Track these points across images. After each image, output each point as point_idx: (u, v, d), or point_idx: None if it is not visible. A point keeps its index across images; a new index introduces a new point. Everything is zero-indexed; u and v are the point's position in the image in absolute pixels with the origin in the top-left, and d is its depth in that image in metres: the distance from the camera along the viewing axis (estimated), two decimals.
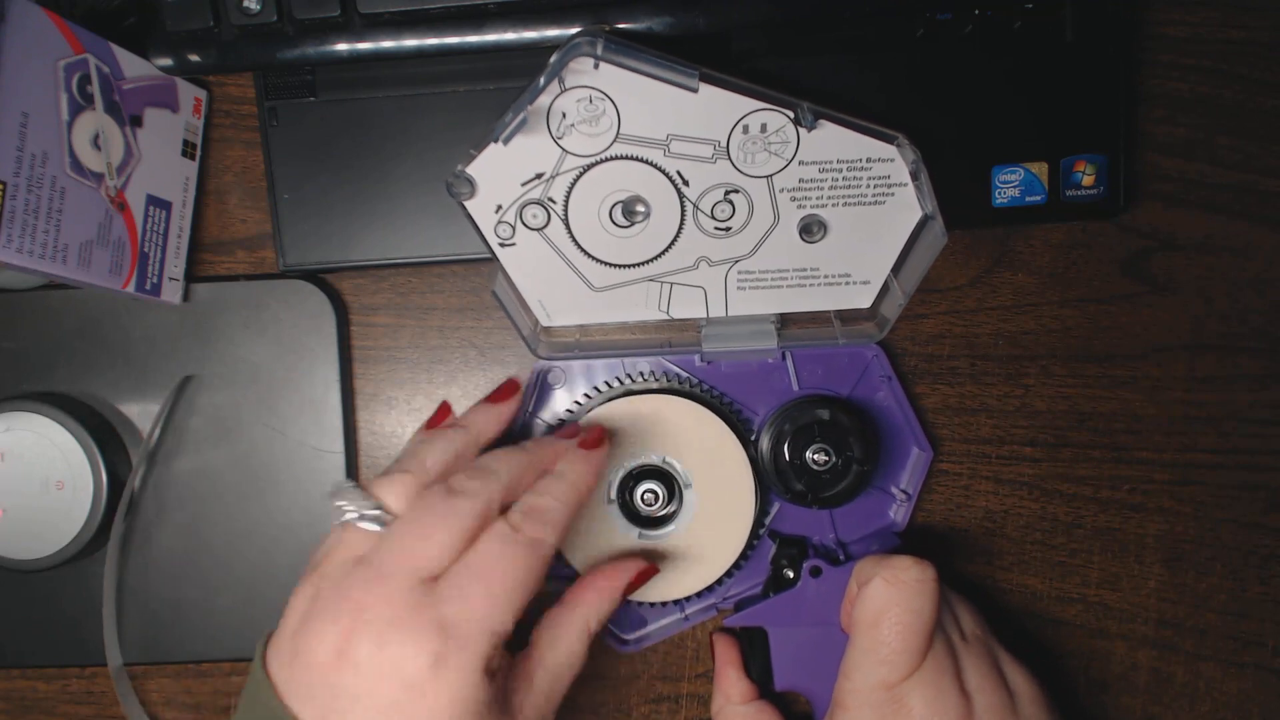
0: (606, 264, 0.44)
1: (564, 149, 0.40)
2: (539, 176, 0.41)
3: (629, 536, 0.45)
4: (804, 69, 0.44)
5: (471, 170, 0.41)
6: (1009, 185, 0.44)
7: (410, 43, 0.42)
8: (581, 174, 0.41)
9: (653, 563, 0.42)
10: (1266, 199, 0.47)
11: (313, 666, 0.33)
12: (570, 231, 0.43)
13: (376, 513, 0.35)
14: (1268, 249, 0.47)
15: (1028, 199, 0.45)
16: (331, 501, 0.36)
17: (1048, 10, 0.43)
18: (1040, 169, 0.44)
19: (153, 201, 0.44)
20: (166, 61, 0.43)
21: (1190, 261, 0.47)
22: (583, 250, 0.43)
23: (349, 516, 0.35)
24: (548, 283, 0.44)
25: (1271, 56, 0.46)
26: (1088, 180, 0.45)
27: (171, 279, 0.46)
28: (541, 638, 0.37)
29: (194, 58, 0.43)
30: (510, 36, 0.42)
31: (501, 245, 0.43)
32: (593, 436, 0.40)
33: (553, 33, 0.42)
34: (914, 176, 0.41)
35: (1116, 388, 0.48)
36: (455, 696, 0.32)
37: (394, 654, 0.32)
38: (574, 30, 0.42)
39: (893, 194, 0.42)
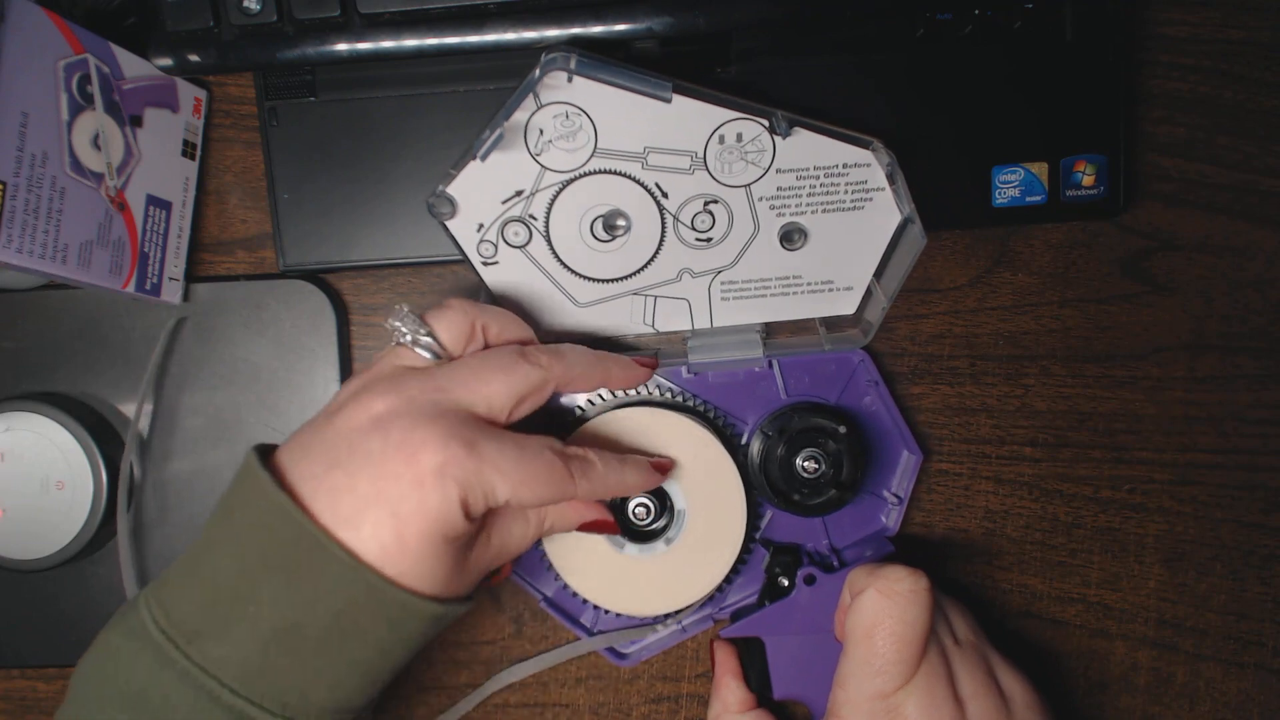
0: (590, 279, 0.44)
1: (543, 165, 0.41)
2: (519, 194, 0.41)
3: (621, 550, 0.45)
4: (804, 69, 0.44)
5: (452, 190, 0.41)
6: (1009, 185, 0.44)
7: (410, 43, 0.42)
8: (561, 189, 0.41)
9: (614, 522, 0.42)
10: (1266, 199, 0.47)
11: (343, 429, 0.35)
12: (552, 248, 0.43)
13: (429, 340, 0.37)
14: (1268, 249, 0.47)
15: (1028, 199, 0.45)
16: (389, 321, 0.38)
17: (1048, 10, 0.43)
18: (1040, 169, 0.44)
19: (153, 201, 0.44)
20: (166, 61, 0.43)
21: (1190, 261, 0.47)
22: (566, 266, 0.43)
23: (404, 339, 0.37)
24: (532, 300, 0.44)
25: (1271, 56, 0.47)
26: (1088, 180, 0.45)
27: (171, 279, 0.46)
28: (506, 516, 0.39)
29: (194, 58, 0.43)
30: (510, 36, 0.42)
31: (485, 264, 0.43)
32: (664, 465, 0.43)
33: (553, 33, 0.42)
34: (891, 180, 0.41)
35: (1116, 388, 0.48)
36: (443, 505, 0.34)
37: (421, 439, 0.34)
38: (574, 30, 0.42)
39: (871, 198, 0.42)
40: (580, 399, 0.46)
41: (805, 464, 0.44)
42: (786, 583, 0.44)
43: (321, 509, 0.33)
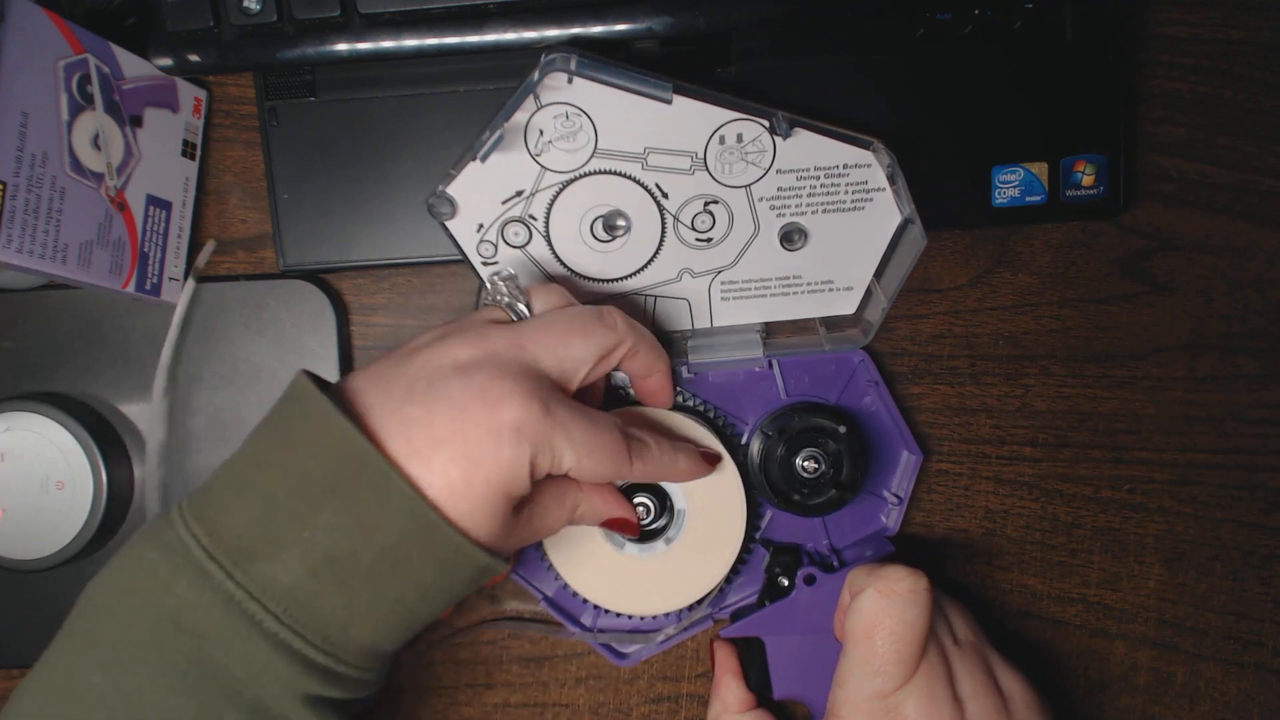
0: (590, 279, 0.44)
1: (543, 165, 0.41)
2: (519, 194, 0.41)
3: (622, 550, 0.45)
4: (804, 69, 0.44)
5: (452, 190, 0.41)
6: (1009, 185, 0.44)
7: (410, 43, 0.42)
8: (561, 190, 0.41)
9: (635, 523, 0.42)
10: (1266, 199, 0.47)
11: (423, 368, 0.35)
12: (552, 248, 0.43)
13: (523, 309, 0.38)
14: (1268, 249, 0.47)
15: (1028, 199, 0.45)
16: (490, 279, 0.39)
17: (1048, 10, 0.43)
18: (1040, 169, 0.44)
19: (153, 201, 0.44)
20: (166, 61, 0.43)
21: (1190, 261, 0.47)
22: (566, 266, 0.43)
23: (502, 301, 0.38)
24: None
25: (1271, 56, 0.47)
26: (1088, 180, 0.45)
27: (171, 279, 0.46)
28: (547, 494, 0.39)
29: (194, 58, 0.43)
30: (510, 36, 0.42)
31: (485, 264, 0.43)
32: (711, 459, 0.43)
33: (553, 33, 0.42)
34: (891, 180, 0.41)
35: (1116, 388, 0.48)
36: (515, 461, 0.34)
37: (504, 392, 0.34)
38: (574, 30, 0.42)
39: (871, 199, 0.42)
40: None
41: (805, 464, 0.44)
42: (786, 583, 0.44)
43: (392, 438, 0.33)
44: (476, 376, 0.34)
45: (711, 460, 0.43)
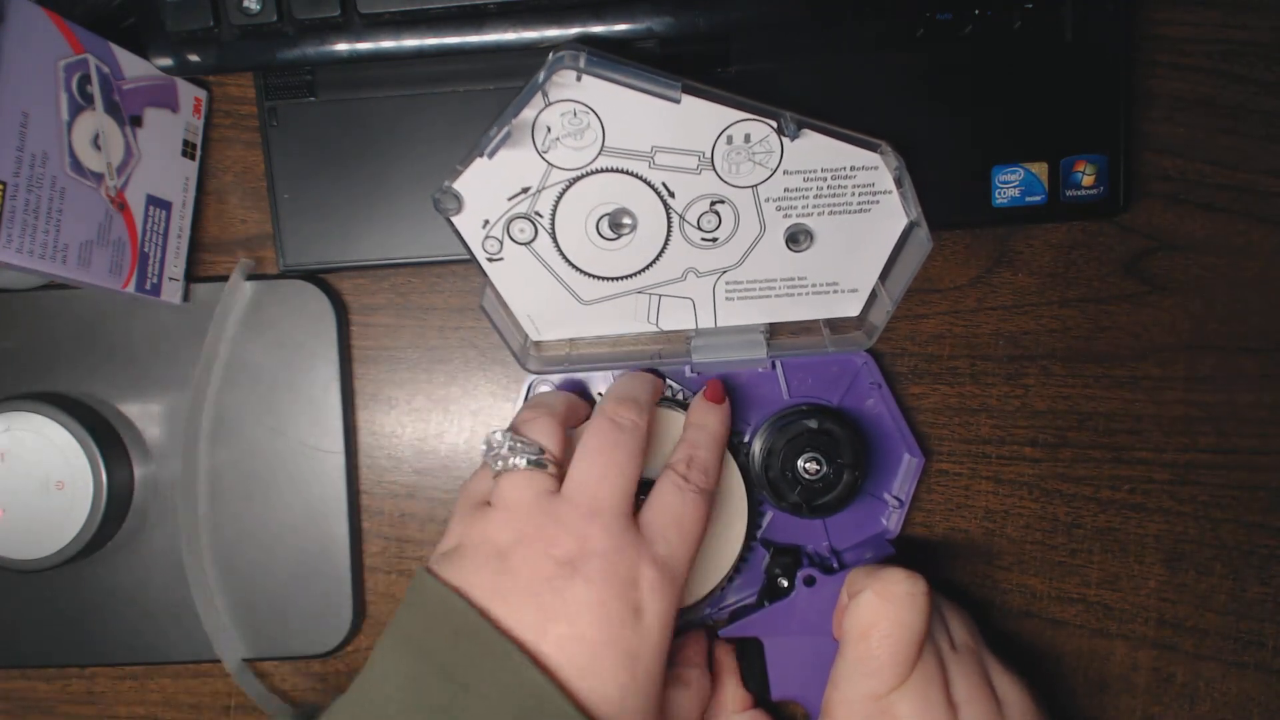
0: (595, 277, 0.44)
1: (549, 163, 0.41)
2: (525, 191, 0.41)
3: None
4: (803, 69, 0.44)
5: (458, 186, 0.41)
6: (1009, 185, 0.44)
7: (410, 43, 0.42)
8: (568, 187, 0.41)
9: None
10: (1266, 199, 0.47)
11: (534, 576, 0.36)
12: (558, 245, 0.43)
13: (539, 456, 0.39)
14: (1268, 249, 0.47)
15: (1028, 199, 0.45)
16: (490, 450, 0.39)
17: (1048, 10, 0.43)
18: (1040, 169, 0.44)
19: (153, 201, 0.44)
20: (166, 61, 0.43)
21: (1190, 261, 0.47)
22: (570, 264, 0.43)
23: (517, 462, 0.38)
24: (536, 297, 0.44)
25: (1271, 56, 0.46)
26: (1088, 180, 0.45)
27: (171, 279, 0.46)
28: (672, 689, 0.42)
29: (194, 58, 0.43)
30: (510, 36, 0.42)
31: (489, 260, 0.43)
32: (715, 391, 0.44)
33: (553, 33, 0.42)
34: (898, 183, 0.41)
35: (1116, 388, 0.48)
36: (663, 619, 0.36)
37: (625, 574, 0.36)
38: (574, 30, 0.42)
39: (877, 201, 0.42)
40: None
41: (806, 465, 0.44)
42: (786, 584, 0.44)
43: (553, 661, 0.34)
44: (590, 571, 0.35)
45: (714, 393, 0.43)
